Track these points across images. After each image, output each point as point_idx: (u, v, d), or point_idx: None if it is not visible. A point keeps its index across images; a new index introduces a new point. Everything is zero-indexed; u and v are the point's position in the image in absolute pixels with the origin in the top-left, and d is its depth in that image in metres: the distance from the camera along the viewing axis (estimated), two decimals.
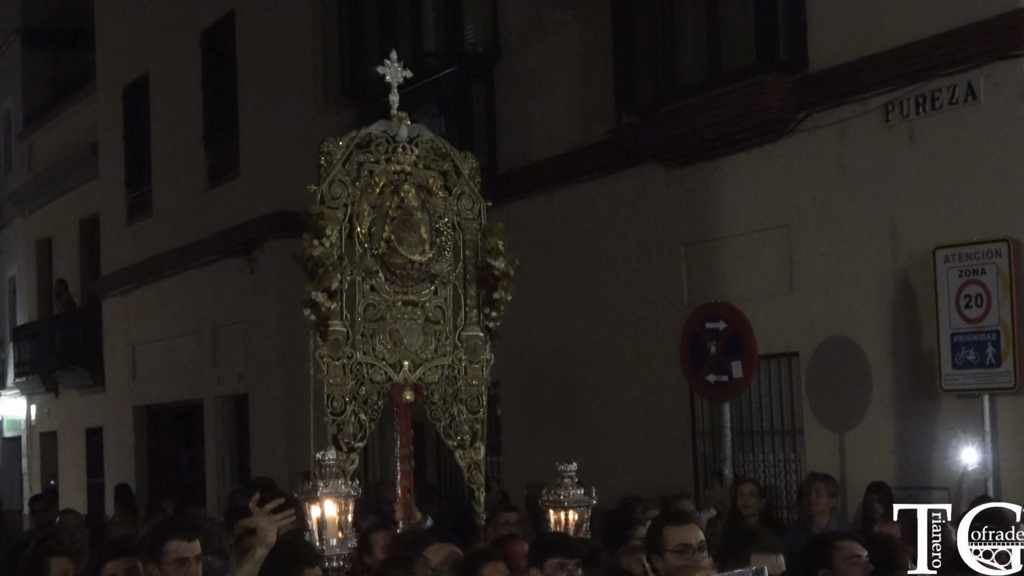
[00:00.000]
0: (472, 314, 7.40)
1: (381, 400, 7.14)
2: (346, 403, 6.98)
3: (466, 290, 7.39)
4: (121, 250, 23.14)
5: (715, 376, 11.46)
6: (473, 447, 7.52)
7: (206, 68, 20.00)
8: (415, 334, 7.29)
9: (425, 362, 7.29)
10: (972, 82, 10.67)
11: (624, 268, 13.99)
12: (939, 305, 10.58)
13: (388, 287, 7.20)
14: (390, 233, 7.17)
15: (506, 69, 15.69)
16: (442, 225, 7.34)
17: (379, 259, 7.17)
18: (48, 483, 28.31)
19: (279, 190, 17.69)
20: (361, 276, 7.13)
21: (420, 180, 7.32)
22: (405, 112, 7.45)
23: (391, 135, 7.34)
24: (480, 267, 7.34)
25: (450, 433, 7.39)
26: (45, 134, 29.05)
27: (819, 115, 11.93)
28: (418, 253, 7.21)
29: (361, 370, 7.05)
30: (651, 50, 13.51)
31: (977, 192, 10.65)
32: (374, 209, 7.19)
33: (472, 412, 7.48)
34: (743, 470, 12.33)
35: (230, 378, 19.43)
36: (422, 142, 7.43)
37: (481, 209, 7.48)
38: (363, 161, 7.23)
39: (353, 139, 7.25)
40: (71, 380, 26.75)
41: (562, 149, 14.68)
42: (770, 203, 12.46)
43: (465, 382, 7.43)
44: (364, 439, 7.00)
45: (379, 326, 7.17)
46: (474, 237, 7.39)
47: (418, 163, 7.36)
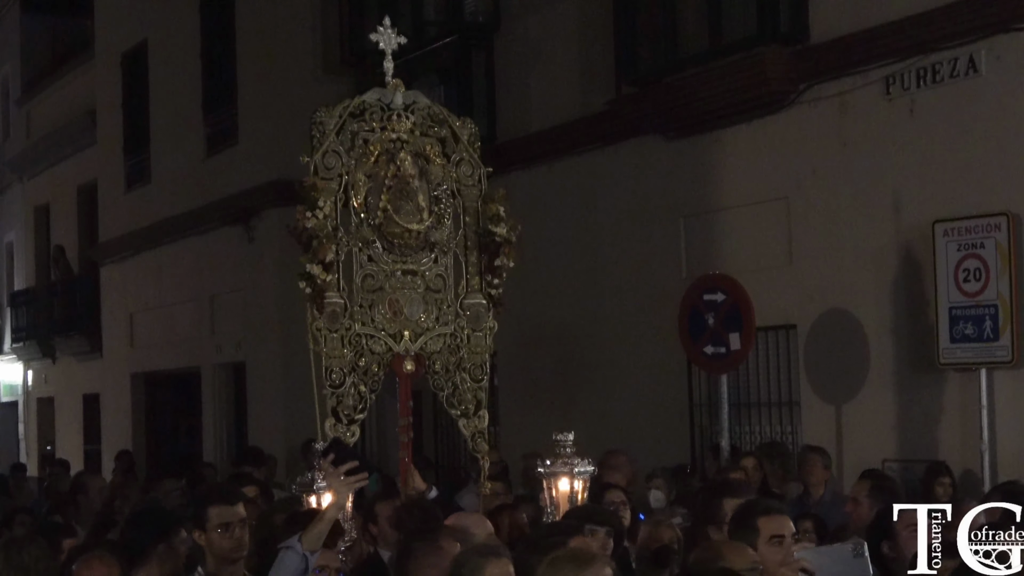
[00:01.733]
0: (474, 282, 7.33)
1: (381, 371, 7.08)
2: (345, 375, 6.93)
3: (467, 257, 7.32)
4: (119, 217, 23.12)
5: (713, 348, 11.47)
6: (477, 416, 7.46)
7: (205, 35, 19.93)
8: (415, 303, 7.22)
9: (426, 332, 7.23)
10: (973, 55, 10.65)
11: (623, 239, 13.98)
12: (937, 278, 10.58)
13: (386, 257, 7.14)
14: (387, 202, 7.09)
15: (506, 39, 15.65)
16: (441, 192, 7.26)
17: (376, 229, 7.10)
18: (45, 448, 28.35)
19: (278, 159, 17.62)
20: (358, 247, 7.06)
21: (417, 147, 7.24)
22: (400, 79, 7.36)
23: (386, 103, 7.27)
24: (481, 234, 7.27)
25: (453, 402, 7.34)
26: (43, 100, 28.97)
27: (819, 87, 11.91)
28: (416, 222, 7.13)
29: (360, 341, 6.99)
30: (651, 21, 13.48)
31: (977, 166, 10.64)
32: (370, 179, 7.11)
33: (475, 381, 7.42)
34: (740, 442, 12.34)
35: (228, 346, 19.44)
36: (418, 109, 7.35)
37: (481, 175, 7.41)
38: (357, 130, 7.16)
39: (346, 108, 7.17)
40: (69, 346, 26.77)
41: (562, 119, 14.65)
42: (770, 175, 12.45)
43: (468, 350, 7.37)
44: (364, 411, 6.95)
45: (378, 296, 7.10)
46: (474, 204, 7.31)
47: (415, 130, 7.28)
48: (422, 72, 15.41)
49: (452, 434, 15.69)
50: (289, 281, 16.62)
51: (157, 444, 22.55)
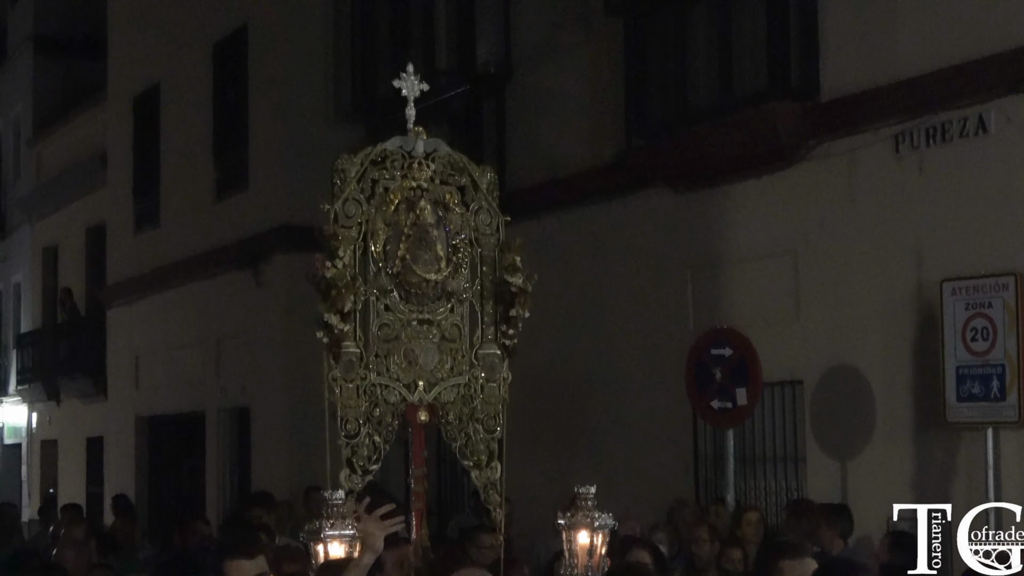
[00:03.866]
0: (489, 331, 7.26)
1: (396, 421, 7.03)
2: (360, 425, 6.88)
3: (483, 307, 7.27)
4: (127, 260, 23.15)
5: (719, 402, 11.47)
6: (489, 466, 7.41)
7: (217, 80, 20.02)
8: (430, 353, 7.14)
9: (440, 381, 7.16)
10: (983, 115, 10.68)
11: (630, 291, 13.98)
12: (945, 337, 10.55)
13: (403, 306, 7.06)
14: (405, 251, 7.01)
15: (517, 89, 15.72)
16: (459, 241, 7.21)
17: (393, 278, 7.04)
18: (48, 491, 28.27)
19: (287, 204, 17.71)
20: (375, 295, 7.01)
21: (437, 196, 7.19)
22: (421, 127, 7.34)
23: (407, 150, 7.22)
24: (497, 283, 7.22)
25: (466, 452, 7.26)
26: (54, 142, 29.08)
27: (829, 143, 11.93)
28: (433, 272, 7.06)
29: (375, 391, 6.94)
30: (662, 73, 13.54)
31: (986, 225, 10.64)
32: (389, 226, 7.04)
33: (488, 431, 7.37)
34: (744, 497, 12.31)
35: (233, 390, 19.42)
36: (439, 157, 7.31)
37: (499, 224, 7.36)
38: (378, 178, 7.12)
39: (368, 156, 7.13)
40: (73, 388, 26.75)
41: (571, 170, 14.68)
42: (778, 230, 12.46)
43: (482, 401, 7.31)
44: (379, 461, 6.88)
45: (393, 346, 7.03)
46: (491, 253, 7.25)
47: (434, 178, 7.23)
48: (433, 121, 15.40)
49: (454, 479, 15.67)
50: (296, 326, 16.90)
51: (160, 488, 22.49)
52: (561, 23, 15.02)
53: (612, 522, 7.06)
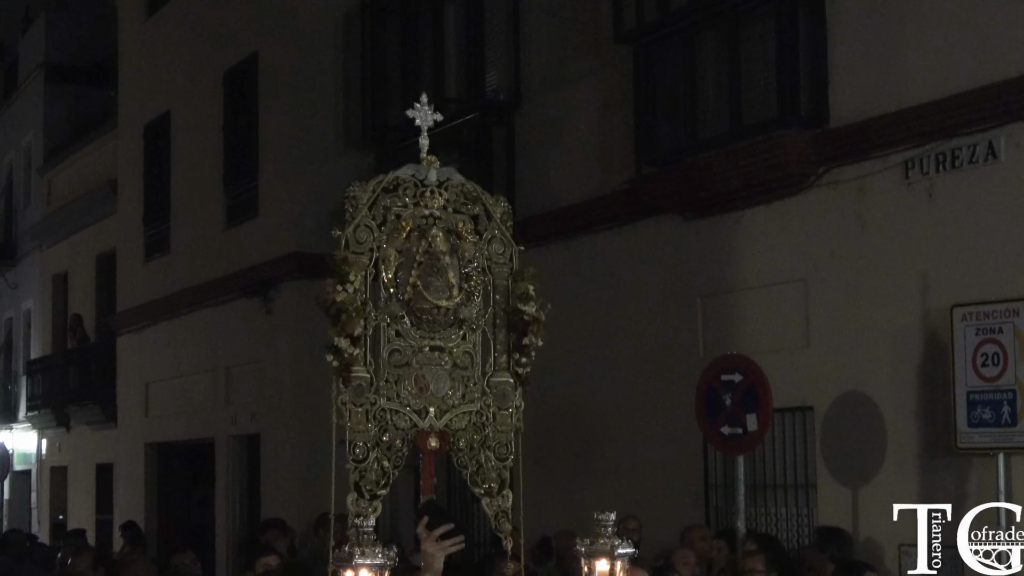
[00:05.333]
0: (501, 360, 7.24)
1: (405, 447, 7.01)
2: (368, 449, 6.87)
3: (495, 335, 7.27)
4: (137, 287, 23.21)
5: (730, 428, 11.45)
6: (501, 495, 7.37)
7: (228, 108, 20.11)
8: (442, 380, 7.11)
9: (452, 408, 7.14)
10: (993, 141, 10.69)
11: (640, 318, 14.00)
12: (955, 363, 10.55)
13: (414, 332, 7.05)
14: (416, 278, 7.01)
15: (527, 117, 15.76)
16: (471, 270, 7.22)
17: (405, 304, 7.04)
18: (57, 518, 28.30)
19: (297, 232, 17.78)
20: (386, 321, 7.02)
21: (449, 224, 7.20)
22: (434, 156, 7.37)
23: (419, 179, 7.25)
24: (510, 312, 7.23)
25: (477, 480, 7.23)
26: (65, 169, 29.20)
27: (839, 170, 11.96)
28: (445, 299, 7.05)
29: (385, 416, 6.94)
30: (672, 101, 13.58)
31: (996, 251, 10.66)
32: (400, 254, 7.05)
33: (500, 459, 7.33)
34: (755, 523, 12.29)
35: (243, 418, 19.44)
36: (452, 185, 7.33)
37: (513, 253, 7.38)
38: (389, 205, 7.13)
39: (380, 183, 7.14)
40: (83, 415, 26.78)
41: (581, 198, 14.72)
42: (788, 257, 12.48)
43: (493, 429, 7.30)
44: (387, 486, 6.85)
45: (404, 372, 7.01)
46: (504, 282, 7.27)
47: (447, 207, 7.25)
48: (442, 148, 15.38)
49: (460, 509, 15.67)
50: (306, 353, 16.93)
51: (170, 515, 22.49)
52: (571, 51, 15.08)
53: (633, 549, 7.02)
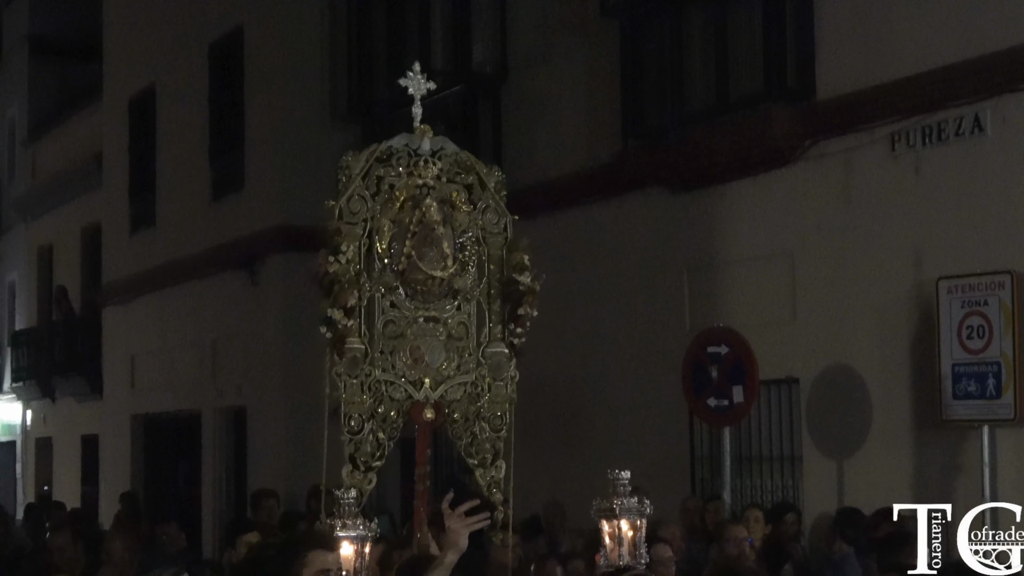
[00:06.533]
0: (496, 330, 7.21)
1: (400, 418, 7.00)
2: (363, 421, 6.84)
3: (490, 306, 7.24)
4: (123, 260, 23.17)
5: (716, 401, 11.52)
6: (494, 465, 7.37)
7: (213, 81, 20.04)
8: (437, 351, 7.07)
9: (447, 380, 7.10)
10: (979, 114, 10.73)
11: (627, 291, 14.02)
12: (941, 335, 10.61)
13: (409, 303, 7.03)
14: (411, 248, 6.98)
15: (513, 90, 15.75)
16: (466, 240, 7.18)
17: (399, 275, 7.00)
18: (42, 489, 28.33)
19: (283, 205, 17.75)
20: (380, 292, 6.98)
21: (443, 194, 7.17)
22: (428, 124, 7.34)
23: (413, 148, 7.22)
24: (505, 282, 7.21)
25: (471, 452, 7.21)
26: (50, 142, 29.11)
27: (825, 144, 11.99)
28: (439, 269, 7.02)
29: (380, 388, 6.91)
30: (658, 75, 13.58)
31: (981, 224, 10.70)
32: (394, 224, 7.02)
33: (495, 430, 7.30)
34: (741, 496, 12.35)
35: (229, 391, 19.43)
36: (445, 155, 7.30)
37: (507, 223, 7.37)
38: (383, 175, 7.10)
39: (373, 153, 7.12)
40: (68, 387, 26.78)
41: (567, 171, 14.72)
42: (774, 230, 12.51)
43: (488, 400, 7.28)
44: (382, 458, 6.83)
45: (399, 343, 6.99)
46: (499, 252, 7.25)
47: (441, 177, 7.23)
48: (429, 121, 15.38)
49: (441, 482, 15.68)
50: (292, 327, 16.92)
51: (156, 487, 22.49)
52: (557, 25, 15.06)
53: (648, 509, 6.99)
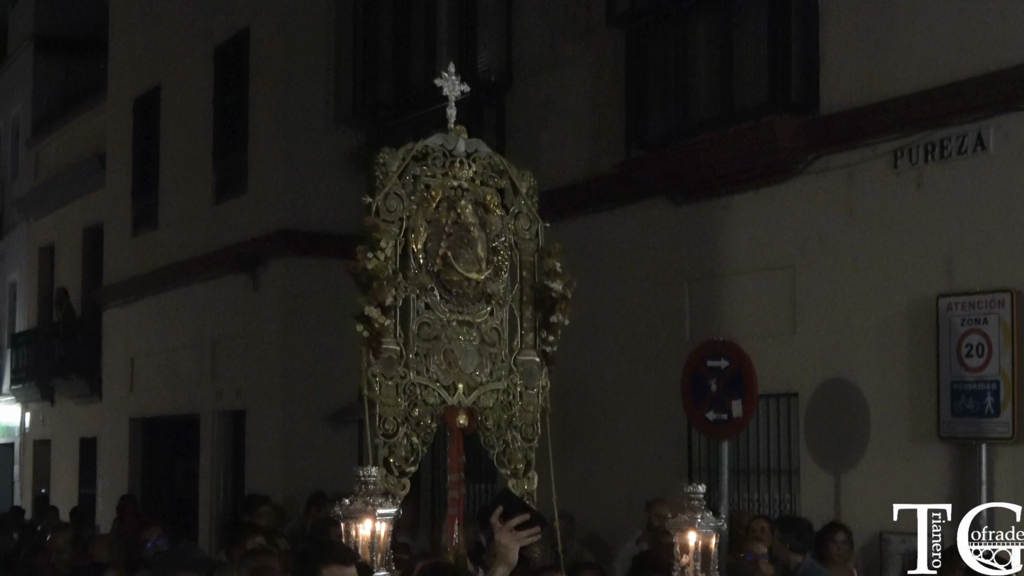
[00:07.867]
0: (528, 338, 7.15)
1: (435, 423, 6.87)
2: (398, 424, 6.72)
3: (522, 312, 7.17)
4: (124, 261, 23.16)
5: (715, 414, 11.49)
6: (527, 476, 7.29)
7: (218, 83, 20.04)
8: (470, 356, 6.96)
9: (480, 386, 6.99)
10: (982, 132, 10.73)
11: (628, 301, 14.00)
12: (940, 352, 10.61)
13: (444, 306, 6.93)
14: (446, 249, 6.89)
15: (518, 98, 15.74)
16: (499, 244, 7.13)
17: (434, 276, 6.92)
18: (40, 491, 28.27)
19: (285, 208, 17.74)
20: (416, 293, 6.87)
21: (477, 196, 7.11)
22: (462, 126, 7.32)
23: (448, 148, 7.19)
24: (537, 289, 7.15)
25: (504, 461, 7.10)
26: (53, 142, 29.09)
27: (828, 158, 11.99)
28: (475, 271, 6.94)
29: (415, 391, 6.79)
30: (663, 85, 13.59)
31: (982, 242, 10.70)
32: (430, 224, 6.95)
33: (527, 440, 7.24)
34: (738, 509, 12.32)
35: (228, 393, 19.42)
36: (479, 157, 7.27)
37: (539, 229, 7.32)
38: (419, 174, 7.04)
39: (410, 151, 7.07)
40: (68, 389, 26.73)
41: (570, 180, 14.69)
42: (776, 243, 12.50)
43: (520, 408, 7.20)
44: (416, 463, 6.69)
45: (433, 346, 6.86)
46: (531, 258, 7.20)
47: (475, 179, 7.18)
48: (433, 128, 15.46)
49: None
50: (292, 330, 16.90)
51: (154, 489, 22.47)
52: (562, 33, 15.07)
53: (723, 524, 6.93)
